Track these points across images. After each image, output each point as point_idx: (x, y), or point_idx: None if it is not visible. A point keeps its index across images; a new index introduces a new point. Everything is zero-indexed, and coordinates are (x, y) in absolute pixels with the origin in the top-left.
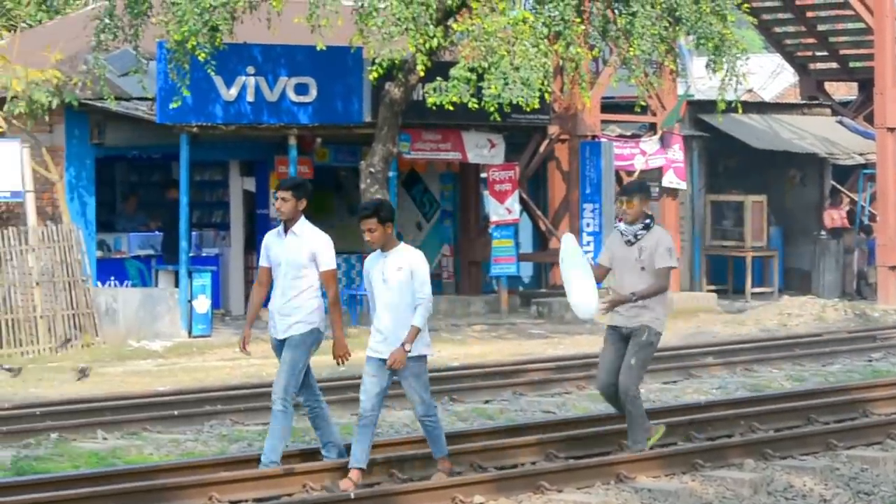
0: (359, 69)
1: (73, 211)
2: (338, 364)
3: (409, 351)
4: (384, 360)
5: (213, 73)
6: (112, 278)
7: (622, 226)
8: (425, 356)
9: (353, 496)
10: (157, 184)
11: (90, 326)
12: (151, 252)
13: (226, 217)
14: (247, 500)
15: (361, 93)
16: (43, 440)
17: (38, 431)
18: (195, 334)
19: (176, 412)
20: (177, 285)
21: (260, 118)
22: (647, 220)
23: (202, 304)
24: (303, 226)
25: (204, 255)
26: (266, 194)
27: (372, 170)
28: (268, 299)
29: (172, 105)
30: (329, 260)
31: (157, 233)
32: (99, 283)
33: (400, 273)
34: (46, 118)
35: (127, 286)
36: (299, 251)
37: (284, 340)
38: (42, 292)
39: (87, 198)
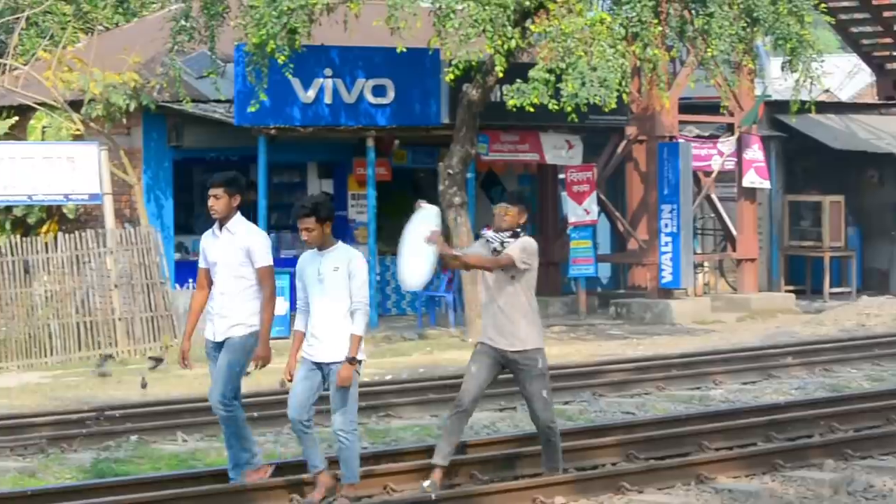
0: (436, 71)
1: (151, 213)
2: (255, 366)
3: (355, 365)
4: (318, 364)
5: (290, 76)
6: (190, 280)
7: (490, 233)
8: (359, 362)
9: (434, 497)
10: None
11: (168, 329)
12: None
13: None
14: (331, 501)
15: (439, 94)
16: (123, 442)
17: (117, 434)
18: (273, 336)
19: (256, 414)
20: None
21: (338, 120)
22: (518, 230)
23: (280, 305)
24: (237, 223)
25: (282, 256)
26: (344, 196)
27: (450, 171)
28: None
29: (251, 108)
30: (264, 256)
31: None
32: (177, 286)
33: (337, 273)
34: (124, 121)
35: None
36: (234, 249)
37: (222, 343)
38: (120, 295)
39: (164, 200)
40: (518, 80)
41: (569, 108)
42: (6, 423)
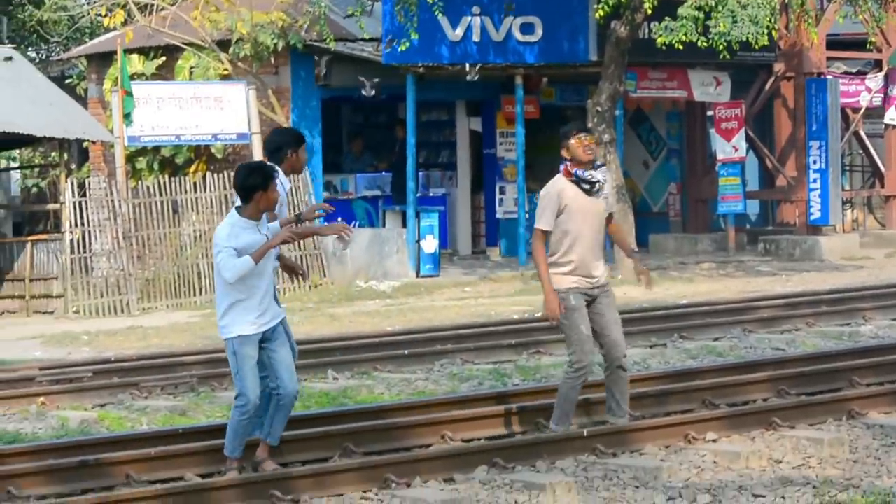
0: (584, 8)
1: None
2: None
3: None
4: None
5: (439, 14)
6: (340, 219)
7: (582, 172)
8: (242, 338)
9: (586, 433)
10: (383, 125)
11: (318, 268)
12: (379, 193)
13: (452, 157)
14: (479, 439)
15: (587, 32)
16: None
17: None
18: (423, 274)
19: (406, 352)
20: (404, 226)
21: (486, 58)
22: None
23: (430, 244)
24: None
25: (431, 195)
26: (493, 134)
27: (599, 108)
28: None
29: (401, 47)
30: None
31: (384, 173)
32: (325, 224)
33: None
34: (272, 60)
35: (355, 227)
36: None
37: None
38: None
39: (312, 139)
40: (667, 18)
41: (720, 46)
42: (156, 361)
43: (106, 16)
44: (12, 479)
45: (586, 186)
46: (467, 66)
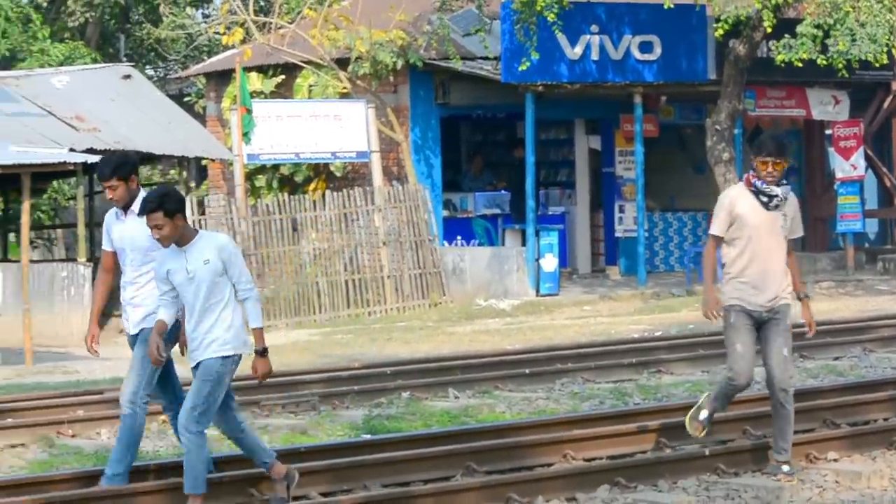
0: (703, 26)
1: (419, 171)
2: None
3: (265, 353)
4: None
5: (558, 33)
6: (459, 238)
7: (765, 185)
8: (236, 357)
9: (708, 453)
10: (501, 143)
11: (437, 286)
12: (498, 211)
13: (571, 175)
14: (601, 458)
15: (706, 50)
16: (394, 399)
17: (389, 391)
18: (543, 293)
19: (527, 370)
20: (524, 244)
21: (605, 76)
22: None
23: (549, 262)
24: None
25: (550, 213)
26: (612, 153)
27: (718, 127)
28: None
29: (521, 66)
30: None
31: (503, 192)
32: (445, 243)
33: (208, 266)
34: (391, 78)
35: (474, 245)
36: (143, 232)
37: (138, 335)
38: (389, 252)
39: (432, 158)
40: (786, 36)
41: (839, 65)
42: (278, 380)
43: (224, 34)
44: (130, 498)
45: (764, 199)
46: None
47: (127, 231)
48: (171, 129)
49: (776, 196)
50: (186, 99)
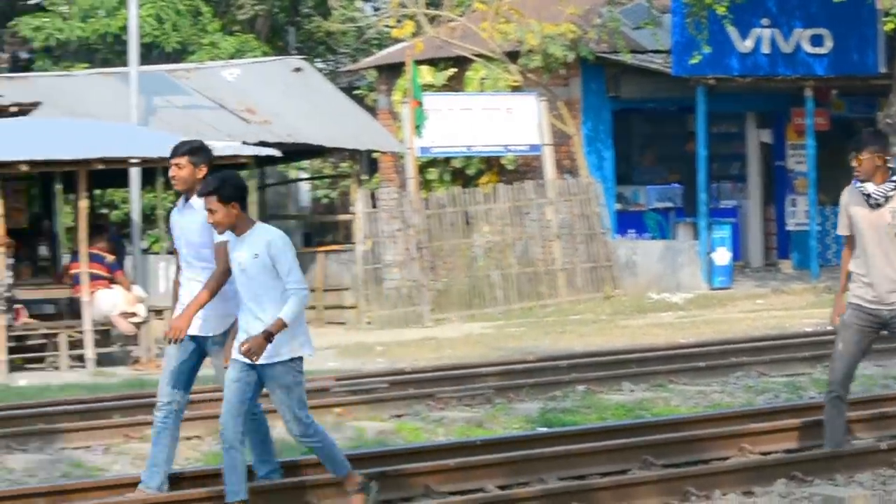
0: (873, 20)
1: (591, 164)
2: (167, 340)
3: (269, 339)
4: (251, 365)
5: (729, 26)
6: (631, 231)
7: (872, 187)
8: (299, 360)
9: (885, 447)
10: (673, 136)
11: (609, 279)
12: (670, 204)
13: (743, 169)
14: (777, 452)
15: (876, 44)
16: (569, 392)
17: (564, 384)
18: (715, 286)
19: (702, 364)
20: (696, 237)
21: (775, 70)
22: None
23: (722, 256)
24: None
25: (722, 207)
26: (783, 146)
27: (889, 121)
28: None
29: (692, 60)
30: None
31: (675, 185)
32: (618, 236)
33: (257, 261)
34: (562, 72)
35: (646, 239)
36: (196, 226)
37: (195, 338)
38: (561, 245)
39: (604, 151)
40: None
41: None
42: (452, 373)
43: (395, 27)
44: (312, 490)
45: (865, 196)
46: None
47: (183, 224)
48: (343, 121)
49: (870, 194)
50: (357, 92)
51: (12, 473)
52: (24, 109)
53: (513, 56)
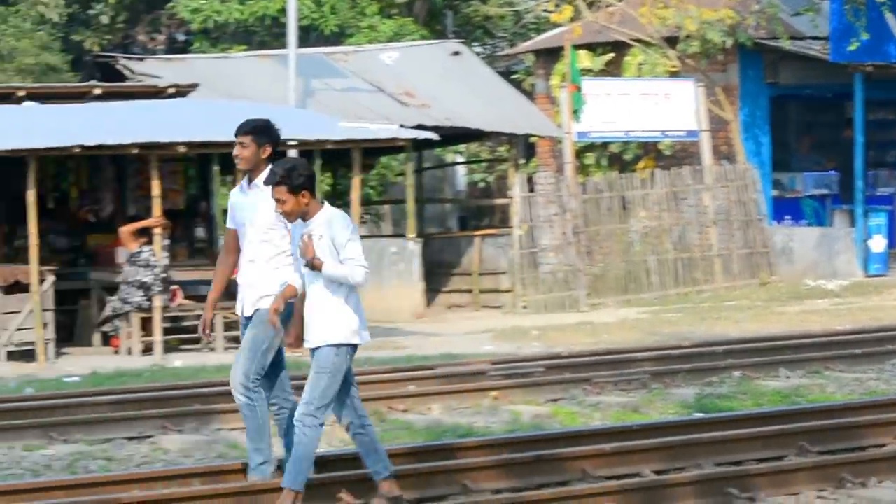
0: None
1: (748, 150)
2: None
3: (313, 266)
4: (314, 350)
5: (887, 13)
6: (787, 217)
7: None
8: (350, 348)
9: None
10: (830, 123)
11: (765, 265)
12: (826, 191)
13: None
14: None
15: None
16: (725, 378)
17: (720, 370)
18: (871, 273)
19: (858, 351)
20: (852, 225)
21: None
22: None
23: (878, 243)
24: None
25: (878, 194)
26: None
27: None
28: None
29: (850, 46)
30: None
31: (832, 172)
32: (774, 222)
33: (322, 242)
34: (720, 57)
35: (802, 225)
36: (262, 208)
37: (251, 317)
38: (717, 231)
39: (761, 137)
40: None
41: None
42: (609, 357)
43: (553, 11)
44: (467, 473)
45: None
46: None
47: (249, 205)
48: (501, 106)
49: None
50: (514, 76)
51: (167, 454)
52: (181, 91)
53: (671, 41)
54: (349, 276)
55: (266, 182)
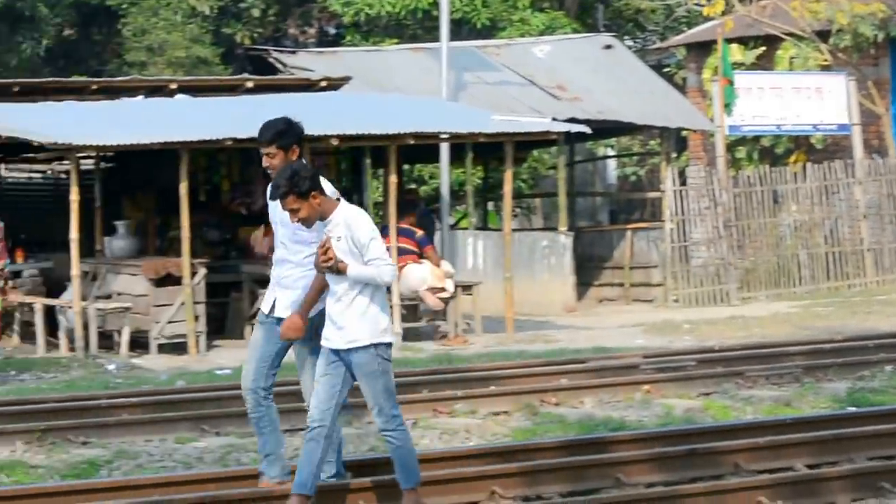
0: None
1: None
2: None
3: (337, 270)
4: (338, 352)
5: None
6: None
7: None
8: (385, 346)
9: None
10: None
11: None
12: None
13: None
14: None
15: None
16: (877, 372)
17: (872, 364)
18: None
19: None
20: None
21: None
22: None
23: None
24: None
25: None
26: None
27: None
28: None
29: None
30: None
31: None
32: None
33: (339, 244)
34: (871, 51)
35: None
36: None
37: (282, 319)
38: (868, 225)
39: None
40: None
41: None
42: (760, 351)
43: (705, 5)
44: (620, 467)
45: None
46: None
47: (279, 206)
48: (653, 99)
49: None
50: (665, 70)
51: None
52: (333, 84)
53: (822, 35)
54: (377, 277)
55: (271, 198)
